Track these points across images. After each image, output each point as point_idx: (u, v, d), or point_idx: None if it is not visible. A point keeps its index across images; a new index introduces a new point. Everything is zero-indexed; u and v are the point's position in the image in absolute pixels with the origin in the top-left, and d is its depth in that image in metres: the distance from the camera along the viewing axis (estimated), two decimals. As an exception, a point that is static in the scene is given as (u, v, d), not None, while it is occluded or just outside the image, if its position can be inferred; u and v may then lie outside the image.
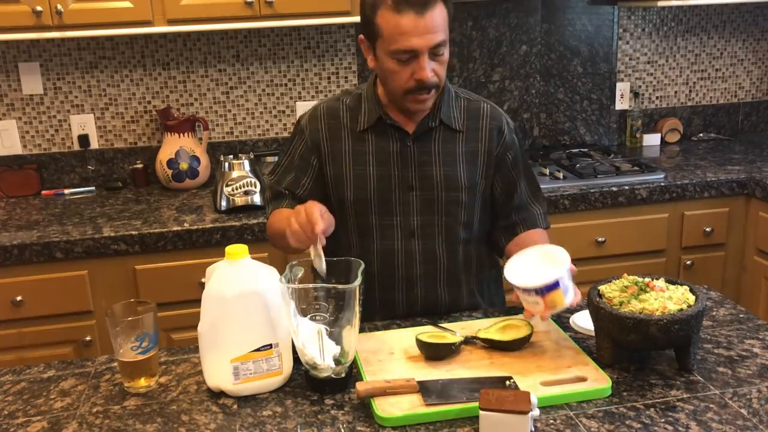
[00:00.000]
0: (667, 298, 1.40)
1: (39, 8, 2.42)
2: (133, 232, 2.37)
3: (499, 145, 1.77)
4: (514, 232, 1.82)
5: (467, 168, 1.74)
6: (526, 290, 1.40)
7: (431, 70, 1.61)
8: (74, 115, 2.88)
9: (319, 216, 1.46)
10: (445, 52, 1.63)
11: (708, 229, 2.76)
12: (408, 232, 1.74)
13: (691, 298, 1.42)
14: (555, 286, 1.39)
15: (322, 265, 1.45)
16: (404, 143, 1.72)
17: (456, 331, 1.56)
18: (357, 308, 1.36)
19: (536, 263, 1.46)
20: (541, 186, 2.62)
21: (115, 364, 1.51)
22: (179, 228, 2.39)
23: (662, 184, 2.69)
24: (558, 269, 1.41)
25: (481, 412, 1.20)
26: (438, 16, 1.58)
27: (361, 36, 1.68)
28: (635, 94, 3.25)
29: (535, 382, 1.37)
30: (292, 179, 1.80)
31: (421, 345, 1.48)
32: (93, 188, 2.88)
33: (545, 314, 1.43)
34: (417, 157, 1.73)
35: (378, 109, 1.72)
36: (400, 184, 1.73)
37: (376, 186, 1.73)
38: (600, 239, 2.68)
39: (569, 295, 1.41)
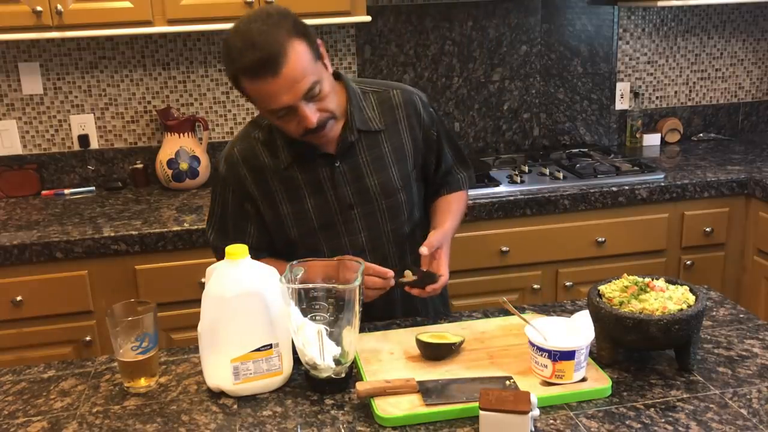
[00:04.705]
0: (667, 298, 1.40)
1: (39, 8, 2.42)
2: (133, 232, 2.37)
3: (421, 128, 1.75)
4: (438, 195, 1.84)
5: (397, 167, 1.71)
6: (541, 349, 1.36)
7: (315, 112, 1.53)
8: (74, 115, 2.88)
9: (381, 268, 1.58)
10: (323, 88, 1.52)
11: (708, 229, 2.76)
12: (358, 250, 1.70)
13: (691, 298, 1.42)
14: (570, 356, 1.34)
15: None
16: (332, 166, 1.66)
17: (456, 331, 1.56)
18: (357, 308, 1.36)
19: (562, 330, 1.41)
20: (541, 186, 2.67)
21: (115, 364, 1.51)
22: (179, 228, 2.39)
23: (662, 184, 2.69)
24: (578, 340, 1.36)
25: (481, 412, 1.20)
26: (296, 64, 1.46)
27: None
28: (635, 94, 3.25)
29: (535, 382, 1.37)
30: (235, 233, 1.72)
31: (421, 345, 1.48)
32: (93, 188, 2.88)
33: (548, 380, 1.37)
34: (348, 175, 1.67)
35: (295, 144, 1.64)
36: (339, 205, 1.68)
37: (316, 216, 1.69)
38: (600, 239, 2.68)
39: (580, 373, 1.36)
